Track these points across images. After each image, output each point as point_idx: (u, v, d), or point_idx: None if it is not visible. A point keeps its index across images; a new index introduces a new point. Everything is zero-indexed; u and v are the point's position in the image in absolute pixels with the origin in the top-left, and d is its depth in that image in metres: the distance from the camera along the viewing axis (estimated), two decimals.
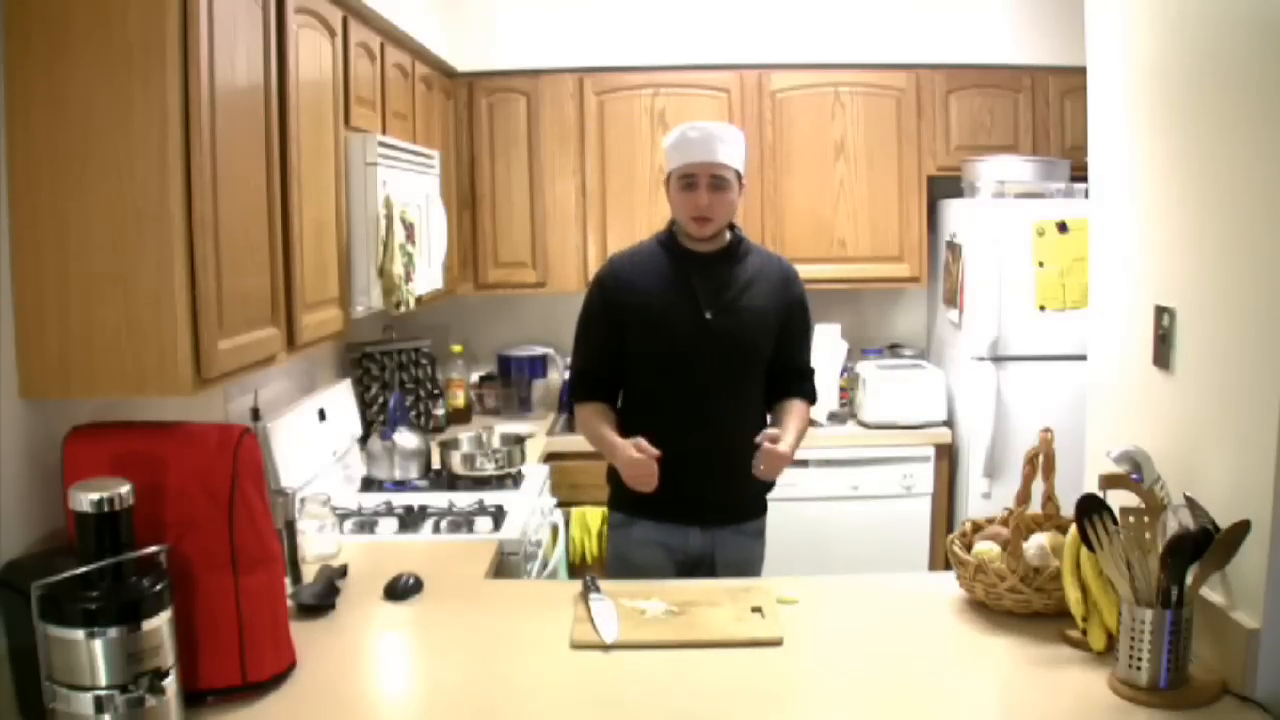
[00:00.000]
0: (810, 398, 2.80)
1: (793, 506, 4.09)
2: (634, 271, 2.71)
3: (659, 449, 2.56)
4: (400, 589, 2.39)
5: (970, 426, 4.09)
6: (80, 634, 1.64)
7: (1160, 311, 2.13)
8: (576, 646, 2.08)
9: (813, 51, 4.32)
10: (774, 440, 2.54)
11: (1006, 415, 4.03)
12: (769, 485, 2.74)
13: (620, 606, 2.22)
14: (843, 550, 4.10)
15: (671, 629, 2.14)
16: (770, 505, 2.85)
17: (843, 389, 4.41)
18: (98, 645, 1.65)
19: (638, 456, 2.53)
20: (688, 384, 2.65)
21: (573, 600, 2.30)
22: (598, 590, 2.30)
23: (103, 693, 1.64)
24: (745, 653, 2.05)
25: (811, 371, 2.84)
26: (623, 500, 2.75)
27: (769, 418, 2.74)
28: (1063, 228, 3.96)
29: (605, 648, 2.07)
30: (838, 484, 4.16)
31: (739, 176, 2.68)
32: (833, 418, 4.33)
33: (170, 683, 1.72)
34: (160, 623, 1.71)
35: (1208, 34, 1.99)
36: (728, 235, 2.74)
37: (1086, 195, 2.61)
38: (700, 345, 2.65)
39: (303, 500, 2.73)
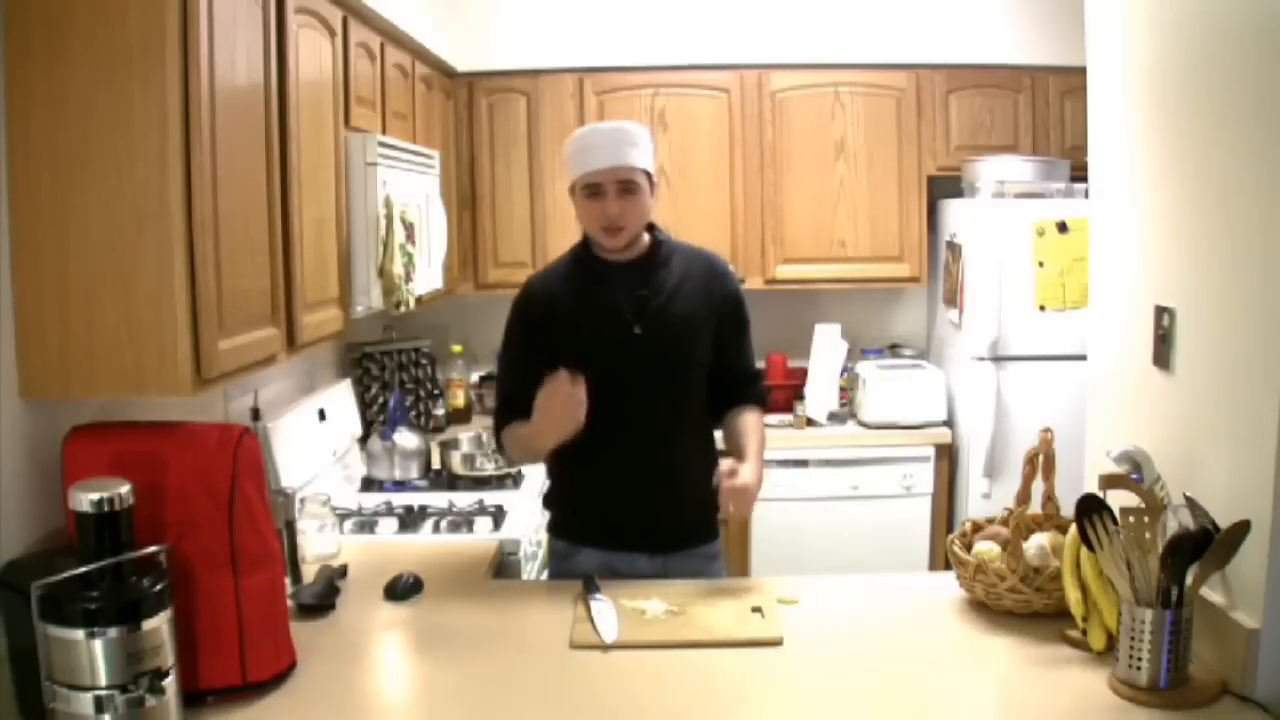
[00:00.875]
0: (760, 402, 2.60)
1: (792, 506, 4.09)
2: (553, 291, 2.53)
3: (597, 474, 2.47)
4: (400, 589, 2.39)
5: (970, 426, 4.09)
6: (80, 634, 1.64)
7: (1160, 311, 2.13)
8: (576, 647, 2.08)
9: (813, 51, 4.32)
10: (731, 474, 2.32)
11: (1006, 415, 4.03)
12: (712, 505, 2.48)
13: (620, 606, 2.22)
14: (843, 550, 4.10)
15: (671, 629, 2.14)
16: (771, 505, 2.84)
17: (843, 389, 4.40)
18: (98, 645, 1.65)
19: (552, 387, 2.29)
20: (621, 403, 2.44)
21: (572, 600, 2.30)
22: (597, 590, 2.30)
23: (103, 693, 1.65)
24: (745, 653, 2.05)
25: (759, 374, 2.64)
26: (564, 527, 2.61)
27: (721, 432, 2.58)
28: (1063, 228, 3.96)
29: (605, 648, 2.07)
30: (838, 484, 4.16)
31: (649, 177, 2.48)
32: (833, 418, 4.33)
33: (170, 683, 1.72)
34: (160, 623, 1.71)
35: (1206, 34, 1.99)
36: (646, 239, 2.55)
37: (1086, 195, 2.61)
38: (631, 361, 2.46)
39: (303, 500, 2.73)
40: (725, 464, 2.36)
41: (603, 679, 1.97)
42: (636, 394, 2.47)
